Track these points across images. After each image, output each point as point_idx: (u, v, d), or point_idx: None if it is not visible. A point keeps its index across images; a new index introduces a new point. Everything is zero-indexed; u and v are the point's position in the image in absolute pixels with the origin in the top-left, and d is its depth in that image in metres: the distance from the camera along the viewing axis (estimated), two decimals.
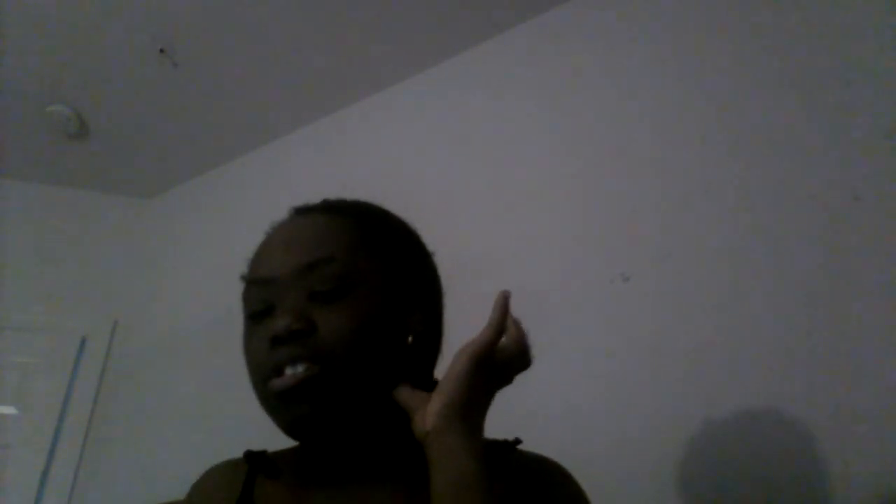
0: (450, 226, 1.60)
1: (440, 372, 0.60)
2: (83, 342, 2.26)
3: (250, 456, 0.66)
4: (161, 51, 1.90)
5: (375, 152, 1.96)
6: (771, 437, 1.03)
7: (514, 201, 1.56)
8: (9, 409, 2.12)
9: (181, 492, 0.67)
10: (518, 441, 0.64)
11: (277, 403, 0.54)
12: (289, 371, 0.54)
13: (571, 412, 1.21)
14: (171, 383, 2.04)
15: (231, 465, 0.66)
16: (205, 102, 2.12)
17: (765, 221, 1.18)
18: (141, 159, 2.39)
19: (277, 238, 0.63)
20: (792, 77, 1.25)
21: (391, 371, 0.59)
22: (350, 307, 0.56)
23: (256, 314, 0.59)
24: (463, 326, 0.66)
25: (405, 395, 0.57)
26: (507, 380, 0.61)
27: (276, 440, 0.74)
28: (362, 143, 2.02)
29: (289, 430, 0.56)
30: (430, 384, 0.60)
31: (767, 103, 1.26)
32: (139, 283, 2.35)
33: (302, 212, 0.67)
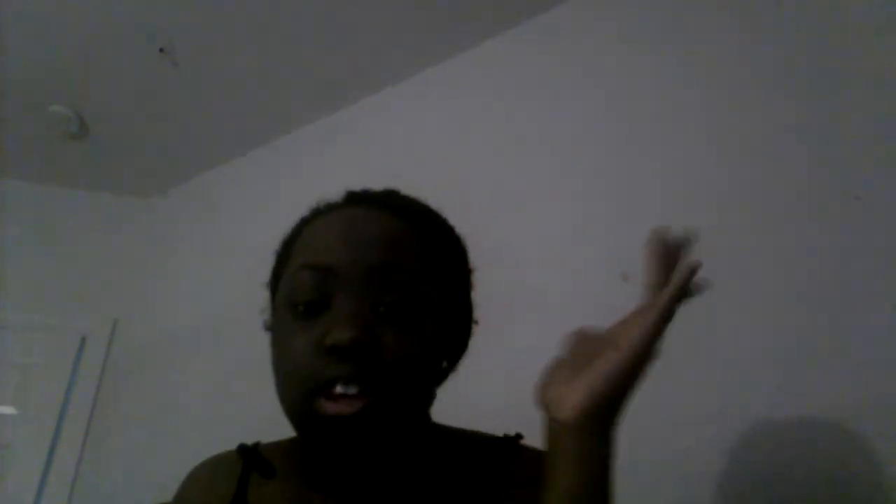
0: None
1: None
2: (83, 341, 2.26)
3: (244, 452, 0.62)
4: (161, 50, 1.90)
5: (376, 152, 1.96)
6: (771, 436, 1.03)
7: (513, 200, 1.56)
8: (8, 409, 2.12)
9: (175, 490, 0.66)
10: (519, 436, 0.63)
11: (324, 427, 0.48)
12: (339, 389, 0.47)
13: None
14: (171, 383, 2.04)
15: (223, 460, 0.63)
16: (205, 102, 2.12)
17: (764, 221, 1.18)
18: (141, 159, 2.39)
19: (340, 225, 0.56)
20: (792, 77, 1.25)
21: (430, 397, 0.58)
22: (414, 332, 0.52)
23: (308, 305, 0.51)
24: None
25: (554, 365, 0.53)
26: None
27: (276, 438, 0.73)
28: (364, 143, 2.02)
29: (328, 454, 0.51)
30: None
31: (767, 103, 1.26)
32: (139, 282, 2.35)
33: (362, 201, 0.61)
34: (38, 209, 2.46)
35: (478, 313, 0.67)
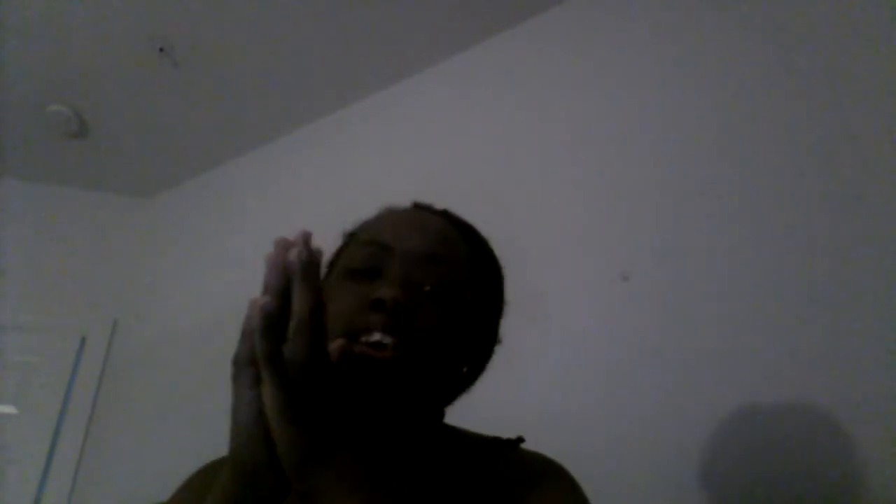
0: None
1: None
2: (83, 341, 2.26)
3: None
4: (161, 50, 1.90)
5: (375, 152, 1.96)
6: (771, 436, 1.03)
7: (514, 201, 1.56)
8: (9, 409, 2.12)
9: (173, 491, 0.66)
10: (521, 440, 0.64)
11: (355, 366, 0.51)
12: (377, 336, 0.52)
13: (571, 411, 1.21)
14: (171, 382, 2.04)
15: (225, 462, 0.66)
16: (204, 102, 2.12)
17: (765, 221, 1.18)
18: (141, 159, 2.39)
19: (404, 217, 0.65)
20: (792, 77, 1.25)
21: (445, 386, 0.61)
22: (447, 315, 0.57)
23: (358, 272, 0.58)
24: None
25: None
26: None
27: None
28: (362, 143, 2.02)
29: (352, 394, 0.51)
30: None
31: (767, 103, 1.26)
32: (139, 282, 2.35)
33: (424, 208, 0.69)
34: (38, 209, 2.46)
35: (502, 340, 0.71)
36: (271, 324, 0.39)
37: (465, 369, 0.64)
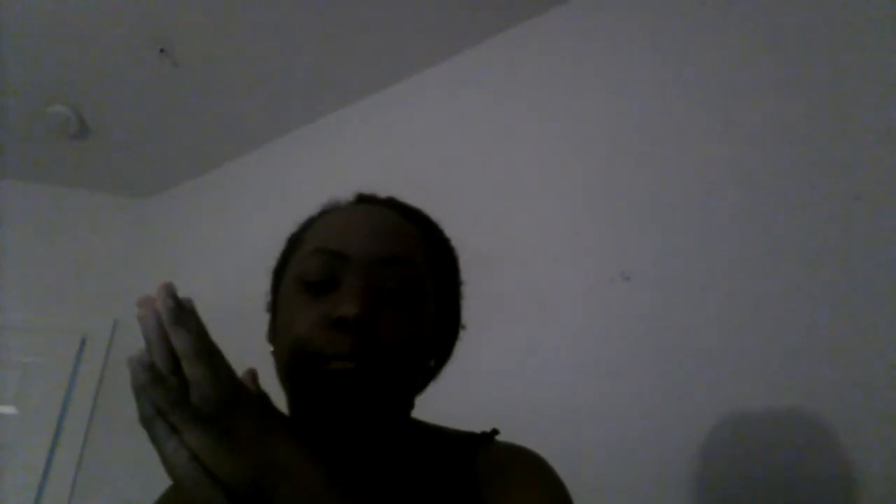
0: (449, 224, 1.60)
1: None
2: (83, 342, 2.26)
3: None
4: (161, 51, 1.90)
5: (375, 151, 1.96)
6: (771, 437, 1.03)
7: (514, 200, 1.56)
8: (9, 409, 2.12)
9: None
10: (495, 432, 0.64)
11: (319, 382, 0.52)
12: (338, 365, 0.51)
13: (570, 411, 1.21)
14: None
15: None
16: (205, 102, 2.12)
17: (765, 221, 1.18)
18: (141, 159, 2.39)
19: (353, 219, 0.62)
20: (792, 77, 1.25)
21: (412, 387, 0.60)
22: (410, 317, 0.56)
23: (314, 284, 0.56)
24: None
25: None
26: None
27: None
28: (363, 142, 2.02)
29: (318, 408, 0.53)
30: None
31: (767, 103, 1.26)
32: (139, 282, 2.35)
33: (371, 200, 0.67)
34: (39, 209, 2.46)
35: (465, 321, 0.70)
36: (157, 372, 0.38)
37: (431, 363, 0.64)
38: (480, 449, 0.60)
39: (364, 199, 0.68)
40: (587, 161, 1.49)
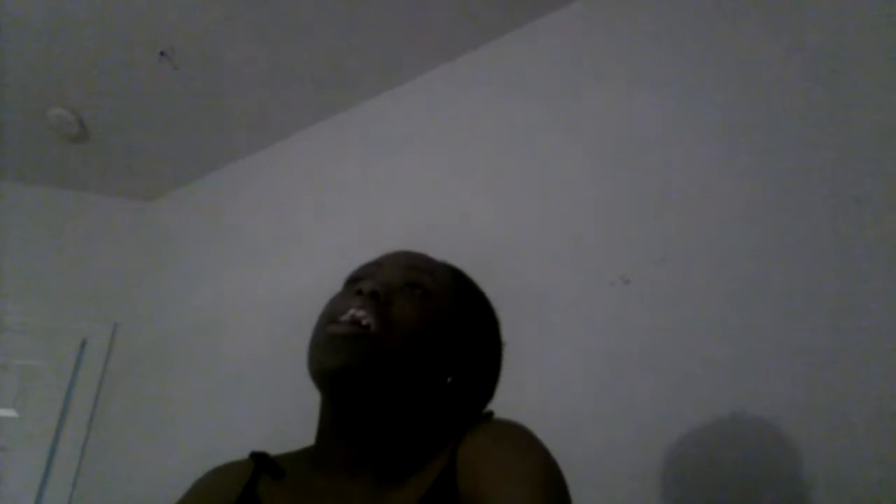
0: (449, 226, 1.60)
1: None
2: (83, 344, 2.26)
3: (256, 456, 0.67)
4: (161, 54, 1.90)
5: (375, 153, 1.96)
6: (770, 440, 1.03)
7: (514, 203, 1.56)
8: (9, 412, 2.12)
9: (181, 494, 0.67)
10: (490, 413, 0.67)
11: (327, 345, 0.59)
12: (351, 311, 0.59)
13: (569, 414, 1.21)
14: (170, 386, 2.04)
15: (234, 465, 0.68)
16: (205, 105, 2.12)
17: (765, 224, 1.18)
18: (141, 162, 2.40)
19: (394, 251, 0.73)
20: (791, 78, 1.25)
21: (415, 380, 0.62)
22: (422, 307, 0.63)
23: (349, 281, 0.69)
24: None
25: None
26: None
27: (275, 441, 0.74)
28: (362, 145, 2.02)
29: (323, 374, 0.58)
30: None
31: (767, 105, 1.27)
32: (139, 285, 2.36)
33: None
34: (39, 212, 2.46)
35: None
36: None
37: (448, 379, 0.68)
38: (463, 430, 0.62)
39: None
40: (587, 165, 1.49)
